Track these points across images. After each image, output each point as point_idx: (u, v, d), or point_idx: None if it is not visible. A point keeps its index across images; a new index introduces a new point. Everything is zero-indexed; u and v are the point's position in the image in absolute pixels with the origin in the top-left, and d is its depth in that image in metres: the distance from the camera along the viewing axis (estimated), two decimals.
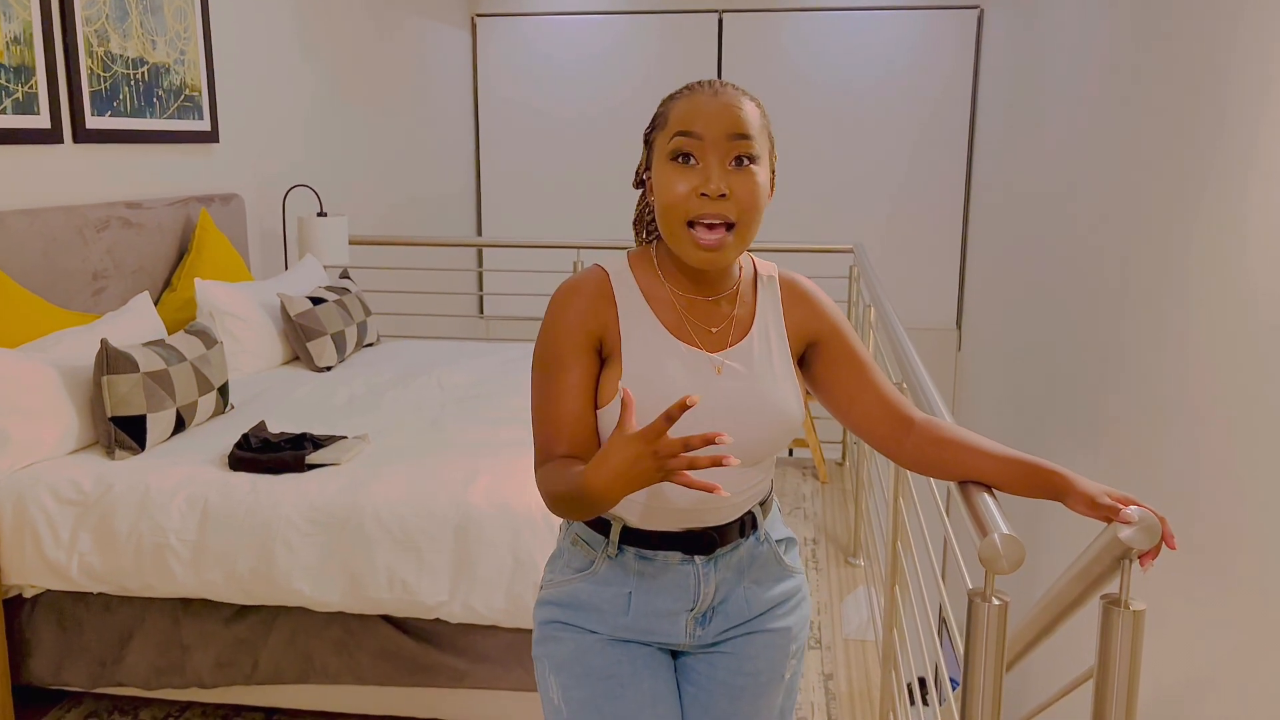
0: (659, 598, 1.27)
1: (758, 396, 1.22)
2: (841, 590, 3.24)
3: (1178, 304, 2.89)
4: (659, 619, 1.27)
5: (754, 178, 1.16)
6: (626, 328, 1.22)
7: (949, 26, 6.09)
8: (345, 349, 3.46)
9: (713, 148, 1.15)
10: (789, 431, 1.25)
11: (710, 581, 1.27)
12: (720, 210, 1.14)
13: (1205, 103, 2.80)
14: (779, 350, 1.26)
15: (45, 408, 2.37)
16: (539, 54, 6.47)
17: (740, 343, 1.24)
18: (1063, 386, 3.99)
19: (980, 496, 1.17)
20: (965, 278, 6.37)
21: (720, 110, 1.15)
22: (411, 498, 2.23)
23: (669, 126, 1.18)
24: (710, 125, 1.15)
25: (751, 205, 1.16)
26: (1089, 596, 1.22)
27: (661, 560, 1.26)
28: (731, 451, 1.21)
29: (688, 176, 1.15)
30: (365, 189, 5.00)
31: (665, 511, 1.24)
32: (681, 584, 1.26)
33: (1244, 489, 2.39)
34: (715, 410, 1.20)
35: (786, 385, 1.24)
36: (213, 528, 2.22)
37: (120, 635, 2.33)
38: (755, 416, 1.22)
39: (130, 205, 3.11)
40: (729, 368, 1.22)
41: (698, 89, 1.19)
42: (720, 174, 1.15)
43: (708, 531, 1.25)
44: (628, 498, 1.23)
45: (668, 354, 1.21)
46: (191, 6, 3.46)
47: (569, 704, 1.27)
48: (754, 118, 1.18)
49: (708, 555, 1.26)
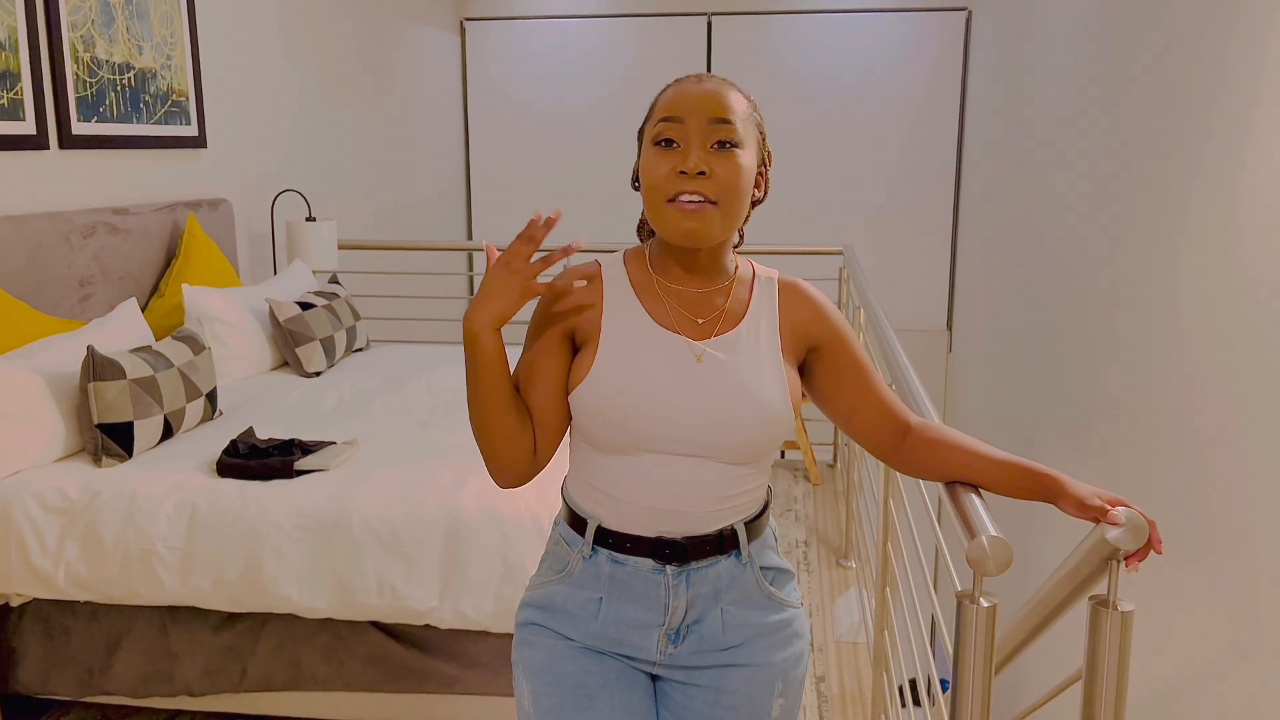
0: (629, 607, 1.24)
1: (739, 387, 1.19)
2: (833, 592, 3.24)
3: (1167, 305, 2.90)
4: (629, 630, 1.24)
5: (735, 159, 1.16)
6: (609, 312, 1.23)
7: (937, 29, 6.11)
8: (334, 354, 3.45)
9: (695, 131, 1.16)
10: (773, 428, 1.21)
11: (680, 595, 1.23)
12: (699, 187, 1.15)
13: (1194, 105, 2.82)
14: (768, 347, 1.23)
15: (31, 415, 2.36)
16: (529, 57, 6.47)
17: (727, 334, 1.22)
18: (1053, 388, 4.00)
19: (968, 498, 1.17)
20: (955, 279, 6.38)
21: (703, 95, 1.17)
22: (400, 503, 2.22)
23: (655, 115, 1.20)
24: (692, 110, 1.16)
25: (732, 186, 1.16)
26: (1077, 598, 1.22)
27: (633, 566, 1.23)
28: (712, 445, 1.19)
29: (669, 158, 1.16)
30: (354, 193, 4.99)
31: (632, 509, 1.22)
32: (652, 594, 1.23)
33: (1233, 489, 2.40)
34: (694, 398, 1.18)
35: (771, 379, 1.21)
36: (201, 535, 2.21)
37: (108, 643, 2.32)
38: (735, 407, 1.18)
39: (117, 211, 3.09)
40: (710, 356, 1.20)
41: (685, 79, 1.21)
42: (700, 154, 1.15)
43: (679, 541, 1.22)
44: (599, 491, 1.23)
45: (648, 339, 1.21)
46: (178, 11, 3.45)
47: (538, 711, 1.25)
48: (738, 105, 1.19)
49: (679, 566, 1.22)
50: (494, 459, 1.22)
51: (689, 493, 1.20)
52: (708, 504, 1.22)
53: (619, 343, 1.21)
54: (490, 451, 1.21)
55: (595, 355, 1.20)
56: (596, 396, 1.19)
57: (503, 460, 1.22)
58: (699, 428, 1.18)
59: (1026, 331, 4.47)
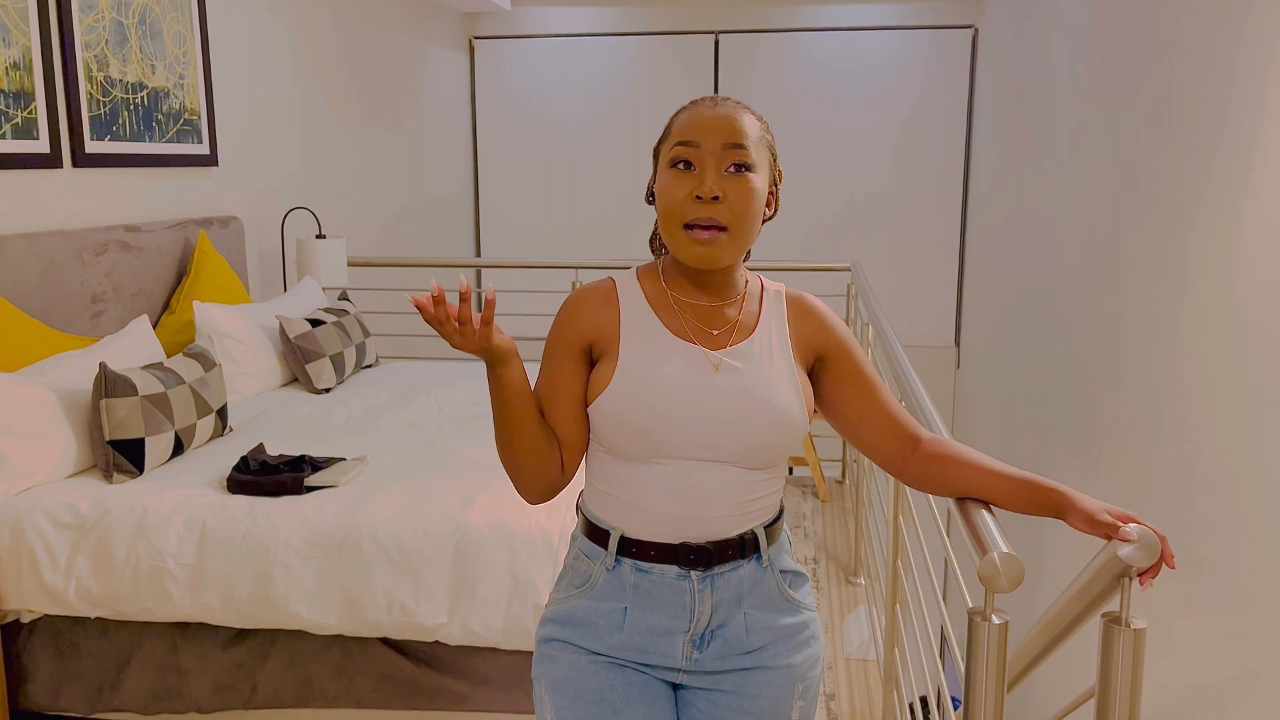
0: (654, 614, 1.26)
1: (756, 393, 1.23)
2: (843, 609, 3.22)
3: (1174, 323, 2.89)
4: (654, 638, 1.26)
5: (748, 184, 1.21)
6: (626, 325, 1.27)
7: (944, 47, 6.13)
8: (344, 370, 3.46)
9: (710, 155, 1.20)
10: (790, 433, 1.24)
11: (706, 600, 1.26)
12: (713, 214, 1.19)
13: (1200, 123, 2.82)
14: (781, 356, 1.27)
15: (43, 431, 2.37)
16: (537, 75, 6.50)
17: (740, 344, 1.26)
18: (1060, 404, 3.99)
19: (979, 514, 1.17)
20: (963, 295, 6.37)
21: (718, 120, 1.21)
22: (410, 519, 2.23)
23: (671, 137, 1.24)
24: (708, 134, 1.20)
25: (744, 210, 1.21)
26: (1089, 615, 1.21)
27: (658, 574, 1.25)
28: (732, 449, 1.23)
29: (685, 182, 1.21)
30: (364, 210, 5.02)
31: (656, 517, 1.24)
32: (677, 600, 1.25)
33: (1244, 504, 2.39)
34: (714, 406, 1.22)
35: (787, 385, 1.25)
36: (211, 551, 2.21)
37: (118, 660, 2.32)
38: (754, 413, 1.22)
39: (129, 229, 3.12)
40: (727, 364, 1.24)
41: (701, 102, 1.25)
42: (715, 178, 1.20)
43: (704, 546, 1.25)
44: (621, 501, 1.26)
45: (666, 350, 1.25)
46: (191, 31, 3.49)
47: None
48: (752, 128, 1.23)
49: (704, 570, 1.25)
50: (524, 480, 1.27)
51: (711, 497, 1.24)
52: (729, 508, 1.25)
53: (639, 352, 1.25)
54: (520, 473, 1.27)
55: (616, 365, 1.24)
56: (620, 403, 1.22)
57: (533, 480, 1.27)
58: (719, 432, 1.22)
59: (1034, 348, 4.47)
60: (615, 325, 1.27)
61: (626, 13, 6.41)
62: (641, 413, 1.21)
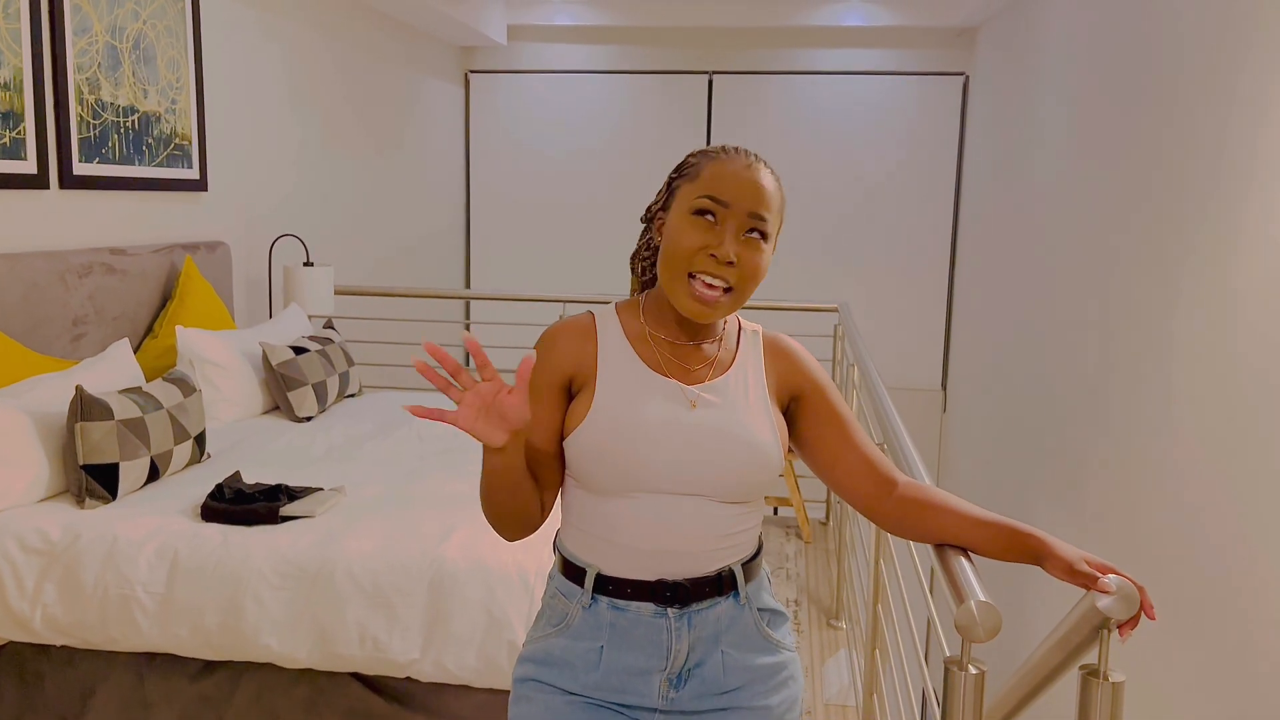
0: (631, 654, 1.24)
1: (733, 429, 1.23)
2: (823, 653, 3.19)
3: (1161, 371, 2.89)
4: (631, 677, 1.25)
5: (761, 252, 1.23)
6: (604, 359, 1.27)
7: (935, 92, 6.19)
8: (326, 399, 3.43)
9: (734, 217, 1.21)
10: (766, 469, 1.24)
11: (683, 638, 1.24)
12: (723, 274, 1.21)
13: (1191, 172, 2.84)
14: (757, 393, 1.28)
15: (15, 455, 2.33)
16: (532, 110, 6.54)
17: (717, 380, 1.27)
18: (1047, 450, 3.98)
19: (957, 561, 1.16)
20: (951, 339, 6.39)
21: (750, 185, 1.22)
22: (385, 552, 2.19)
23: (698, 182, 1.24)
24: (738, 196, 1.21)
25: (752, 276, 1.23)
26: (1068, 667, 1.20)
27: (634, 612, 1.24)
28: (708, 483, 1.23)
29: (704, 234, 1.21)
30: (353, 239, 5.01)
31: (632, 552, 1.23)
32: (654, 639, 1.24)
33: (1226, 556, 2.37)
34: (691, 441, 1.22)
35: (763, 421, 1.25)
36: (181, 580, 2.17)
37: (82, 690, 2.27)
38: (731, 448, 1.22)
39: (115, 251, 3.10)
40: (704, 400, 1.25)
41: (734, 156, 1.25)
42: (734, 242, 1.21)
43: (680, 583, 1.23)
44: (596, 538, 1.25)
45: (643, 385, 1.25)
46: (185, 57, 3.49)
47: None
48: (775, 199, 1.25)
49: (681, 608, 1.24)
50: (507, 526, 1.26)
51: (687, 532, 1.23)
52: (706, 543, 1.24)
53: (616, 385, 1.25)
54: (504, 521, 1.25)
55: (593, 397, 1.24)
56: (596, 435, 1.22)
57: (516, 524, 1.26)
58: (696, 466, 1.22)
59: (1021, 393, 4.47)
60: (593, 359, 1.27)
61: (622, 51, 6.47)
62: (618, 445, 1.21)
